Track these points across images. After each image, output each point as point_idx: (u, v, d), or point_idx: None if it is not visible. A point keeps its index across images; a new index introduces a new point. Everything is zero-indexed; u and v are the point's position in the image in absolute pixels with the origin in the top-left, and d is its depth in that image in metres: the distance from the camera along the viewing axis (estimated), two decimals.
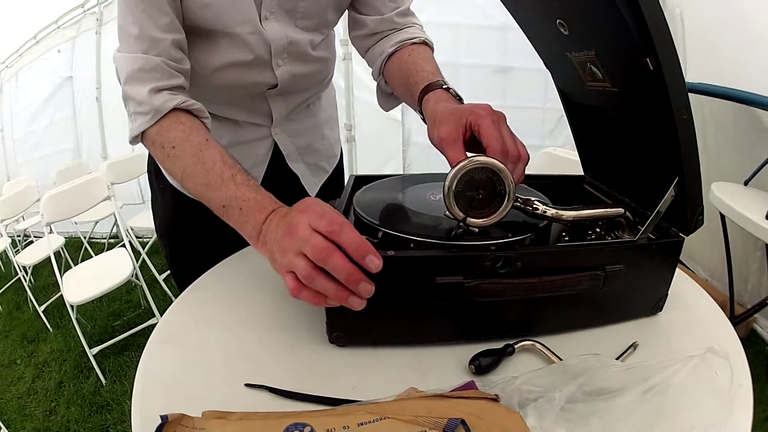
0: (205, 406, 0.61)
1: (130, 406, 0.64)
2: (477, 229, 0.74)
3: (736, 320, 2.18)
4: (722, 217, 2.03)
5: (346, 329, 0.74)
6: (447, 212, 0.73)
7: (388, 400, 0.62)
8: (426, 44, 1.17)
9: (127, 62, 0.88)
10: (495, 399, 0.60)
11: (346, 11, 1.16)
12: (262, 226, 0.73)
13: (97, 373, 2.41)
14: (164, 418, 0.57)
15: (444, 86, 0.95)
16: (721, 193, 1.94)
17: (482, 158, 0.71)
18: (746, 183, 2.13)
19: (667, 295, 0.83)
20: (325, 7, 1.06)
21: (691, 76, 2.35)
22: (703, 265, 2.82)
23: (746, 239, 2.08)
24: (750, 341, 2.33)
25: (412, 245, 0.75)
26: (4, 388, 2.56)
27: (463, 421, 0.56)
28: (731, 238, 2.14)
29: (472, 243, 0.74)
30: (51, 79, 4.53)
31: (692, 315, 0.86)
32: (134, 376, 0.72)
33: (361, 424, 0.57)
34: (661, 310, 0.83)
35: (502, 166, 0.70)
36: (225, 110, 1.12)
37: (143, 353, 0.78)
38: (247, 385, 0.68)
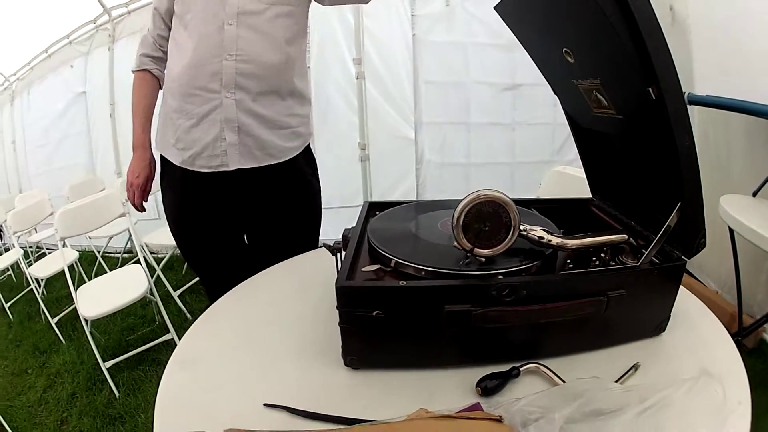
0: (225, 425, 0.64)
1: (144, 419, 0.68)
2: (484, 259, 0.78)
3: (744, 331, 2.18)
4: (731, 230, 2.03)
5: (360, 353, 0.78)
6: (455, 244, 0.77)
7: (398, 420, 0.65)
8: None
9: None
10: (499, 420, 0.63)
11: None
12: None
13: (110, 386, 2.41)
14: None
15: None
16: (730, 207, 1.93)
17: (489, 193, 0.74)
18: (755, 194, 2.13)
19: (669, 316, 0.85)
20: None
21: (699, 89, 2.37)
22: (714, 277, 2.82)
23: (755, 251, 2.07)
24: (760, 351, 2.31)
25: (423, 273, 0.78)
26: (14, 396, 2.56)
27: None
28: (740, 249, 2.14)
29: (479, 273, 0.77)
30: (64, 94, 4.57)
31: (695, 335, 0.88)
32: (148, 390, 0.76)
33: None
34: (663, 331, 0.86)
35: (508, 200, 0.75)
36: None
37: (163, 374, 0.81)
38: (265, 405, 0.71)
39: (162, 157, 1.46)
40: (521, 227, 0.79)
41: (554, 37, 0.89)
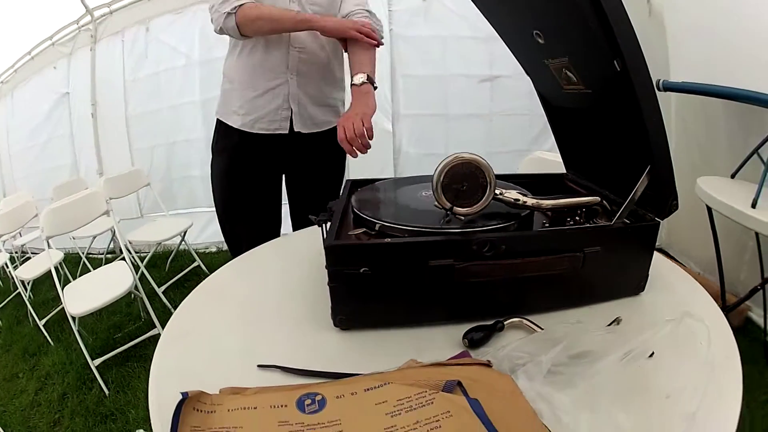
0: (221, 386, 0.66)
1: (134, 415, 0.68)
2: (464, 218, 0.81)
3: (727, 309, 2.21)
4: (709, 210, 2.07)
5: (349, 313, 0.80)
6: (436, 203, 0.80)
7: (390, 371, 0.68)
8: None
9: None
10: (488, 364, 0.66)
11: None
12: None
13: (100, 384, 2.40)
14: (184, 394, 0.61)
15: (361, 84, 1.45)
16: (707, 187, 1.97)
17: (466, 155, 0.78)
18: (733, 176, 2.16)
19: (647, 276, 0.89)
20: None
21: (675, 77, 2.42)
22: (696, 260, 2.87)
23: (738, 232, 2.11)
24: (746, 330, 2.37)
25: (406, 234, 0.82)
26: (7, 401, 2.54)
27: (459, 383, 0.62)
28: (723, 231, 2.18)
29: (460, 230, 0.81)
30: (48, 95, 4.52)
31: (673, 293, 0.92)
32: (138, 386, 0.76)
33: (368, 389, 0.63)
34: (643, 290, 0.90)
35: (484, 161, 0.78)
36: None
37: (156, 347, 0.82)
38: (259, 366, 0.73)
39: (218, 124, 1.75)
40: (497, 190, 0.83)
41: (525, 21, 0.94)
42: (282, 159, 1.77)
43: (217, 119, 1.76)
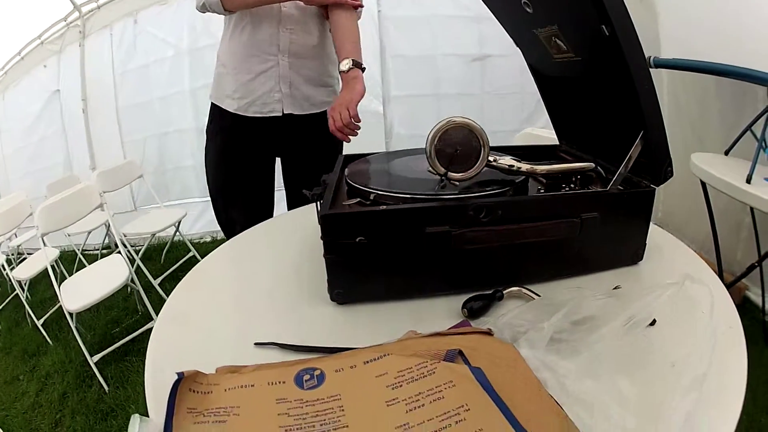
0: (218, 366, 0.65)
1: (135, 411, 0.67)
2: (458, 183, 0.80)
3: (726, 287, 2.20)
4: (704, 186, 2.07)
5: (346, 285, 0.79)
6: (430, 169, 0.79)
7: (390, 343, 0.67)
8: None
9: None
10: (489, 333, 0.66)
11: None
12: None
13: (99, 381, 2.40)
14: (180, 375, 0.59)
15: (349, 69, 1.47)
16: (701, 162, 1.98)
17: (458, 119, 0.78)
18: (726, 153, 2.17)
19: (645, 244, 0.88)
20: None
21: (666, 53, 2.41)
22: (692, 238, 2.87)
23: (735, 211, 2.11)
24: (744, 308, 2.37)
25: (401, 203, 0.81)
26: (9, 404, 2.53)
27: (460, 352, 0.61)
28: (720, 210, 2.18)
29: (456, 196, 0.80)
30: (39, 95, 4.50)
31: (672, 262, 0.91)
32: (137, 380, 0.75)
33: (367, 362, 0.62)
34: (641, 259, 0.89)
35: (477, 125, 0.78)
36: None
37: (153, 330, 0.81)
38: (256, 344, 0.72)
39: (213, 108, 1.76)
40: (491, 157, 0.82)
41: None
42: (277, 141, 1.78)
43: (212, 103, 1.77)
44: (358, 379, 0.60)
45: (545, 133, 1.72)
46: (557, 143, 1.20)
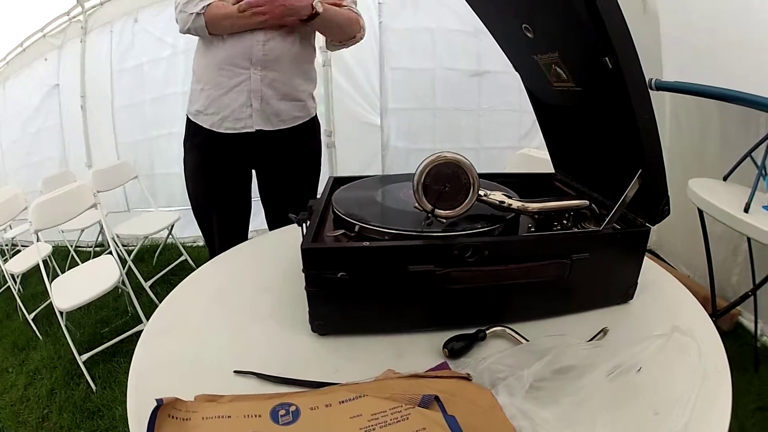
0: (197, 392, 0.65)
1: (121, 412, 0.67)
2: (445, 220, 0.79)
3: (717, 314, 2.20)
4: (700, 212, 2.05)
5: (327, 318, 0.78)
6: (416, 205, 0.78)
7: (367, 381, 0.66)
8: None
9: None
10: (467, 378, 0.64)
11: None
12: None
13: (87, 380, 2.40)
14: (159, 401, 0.59)
15: None
16: (698, 189, 1.94)
17: (449, 154, 0.76)
18: (725, 178, 2.13)
19: (636, 283, 0.86)
20: None
21: (668, 75, 2.39)
22: (686, 262, 2.86)
23: (730, 232, 2.09)
24: (736, 334, 2.36)
25: (386, 237, 0.79)
26: None
27: (436, 397, 0.60)
28: (716, 233, 2.16)
29: (441, 234, 0.78)
30: (39, 88, 4.49)
31: (664, 302, 0.89)
32: (124, 381, 0.75)
33: (342, 401, 0.61)
34: (631, 298, 0.87)
35: (467, 161, 0.76)
36: None
37: (137, 346, 0.81)
38: (235, 372, 0.72)
39: (188, 123, 1.76)
40: (481, 192, 0.81)
41: (514, 14, 0.91)
42: (251, 156, 1.78)
43: (187, 116, 1.77)
44: (333, 419, 0.60)
45: (540, 155, 1.71)
46: (552, 171, 1.18)
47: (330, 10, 1.60)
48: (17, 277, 3.33)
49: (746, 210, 1.71)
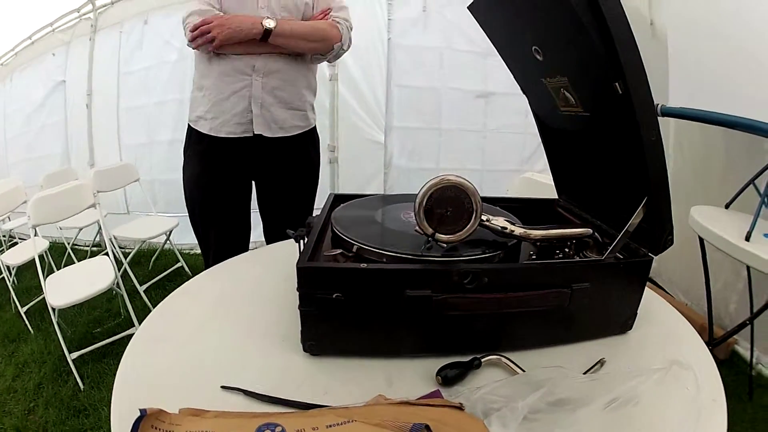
0: (182, 405, 0.63)
1: (107, 412, 0.67)
2: (446, 245, 0.77)
3: (714, 342, 2.18)
4: (701, 240, 2.03)
5: (319, 338, 0.77)
6: (417, 228, 0.76)
7: (357, 405, 0.64)
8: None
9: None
10: (459, 407, 0.63)
11: None
12: None
13: (75, 378, 2.39)
14: (143, 411, 0.58)
15: None
16: (700, 217, 1.93)
17: (452, 178, 0.74)
18: (727, 206, 2.12)
19: (636, 314, 0.85)
20: None
21: (674, 100, 2.38)
22: (684, 290, 2.84)
23: (730, 260, 2.09)
24: (732, 362, 2.35)
25: (384, 259, 0.78)
26: None
27: (427, 426, 0.58)
28: (714, 261, 2.14)
29: (441, 259, 0.77)
30: (45, 82, 4.48)
31: (662, 332, 0.88)
32: (112, 383, 0.74)
33: (330, 426, 0.59)
34: (630, 328, 0.86)
35: (471, 185, 0.74)
36: None
37: (125, 353, 0.80)
38: (223, 387, 0.70)
39: (189, 130, 1.77)
40: (484, 217, 0.79)
41: (524, 36, 0.90)
42: (250, 165, 1.79)
43: (188, 125, 1.78)
44: None
45: (544, 179, 1.70)
46: (555, 197, 1.17)
47: (287, 24, 1.59)
48: (12, 269, 3.32)
49: (747, 239, 1.70)
